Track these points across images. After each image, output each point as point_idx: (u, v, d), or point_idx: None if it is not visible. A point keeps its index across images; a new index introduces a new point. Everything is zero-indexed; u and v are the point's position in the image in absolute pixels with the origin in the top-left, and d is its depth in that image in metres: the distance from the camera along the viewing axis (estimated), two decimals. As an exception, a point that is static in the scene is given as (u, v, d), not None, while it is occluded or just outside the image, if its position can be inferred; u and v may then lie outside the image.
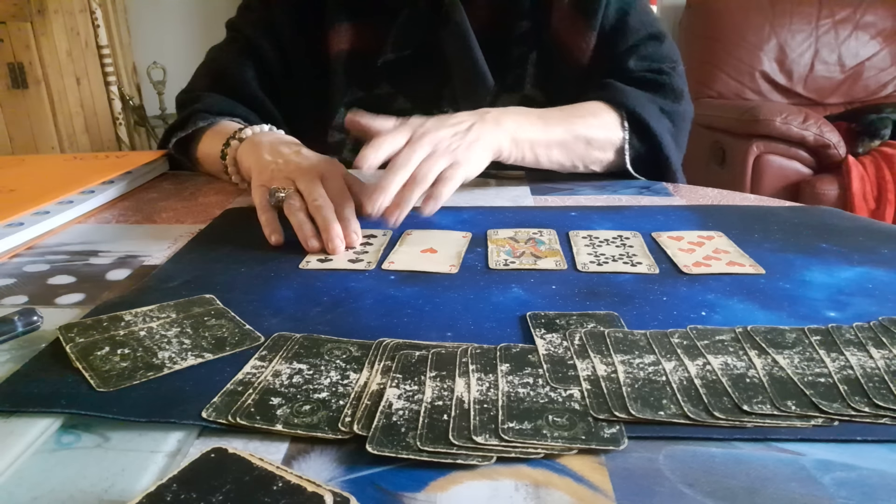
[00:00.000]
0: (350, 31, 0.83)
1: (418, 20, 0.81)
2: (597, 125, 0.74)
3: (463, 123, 0.64)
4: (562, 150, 0.72)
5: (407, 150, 0.58)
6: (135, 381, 0.35)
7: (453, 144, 0.61)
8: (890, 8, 2.68)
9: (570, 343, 0.39)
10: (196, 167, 0.84)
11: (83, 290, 0.49)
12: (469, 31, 0.79)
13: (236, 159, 0.71)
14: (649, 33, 0.81)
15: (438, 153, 0.59)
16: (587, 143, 0.73)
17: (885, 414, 0.32)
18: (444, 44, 0.81)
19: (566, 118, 0.73)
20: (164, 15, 2.99)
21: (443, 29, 0.80)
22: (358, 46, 0.83)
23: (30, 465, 0.30)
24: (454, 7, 0.79)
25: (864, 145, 2.24)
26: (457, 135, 0.62)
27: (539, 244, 0.55)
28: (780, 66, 2.68)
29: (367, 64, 0.83)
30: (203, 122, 0.79)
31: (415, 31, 0.82)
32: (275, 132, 0.73)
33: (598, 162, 0.76)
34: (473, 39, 0.79)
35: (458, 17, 0.79)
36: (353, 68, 0.84)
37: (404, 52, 0.82)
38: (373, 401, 0.33)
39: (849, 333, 0.39)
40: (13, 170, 0.81)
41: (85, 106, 2.64)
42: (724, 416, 0.32)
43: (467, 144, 0.62)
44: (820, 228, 0.59)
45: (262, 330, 0.41)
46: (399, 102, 0.85)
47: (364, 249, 0.55)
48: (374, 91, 0.85)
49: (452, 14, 0.79)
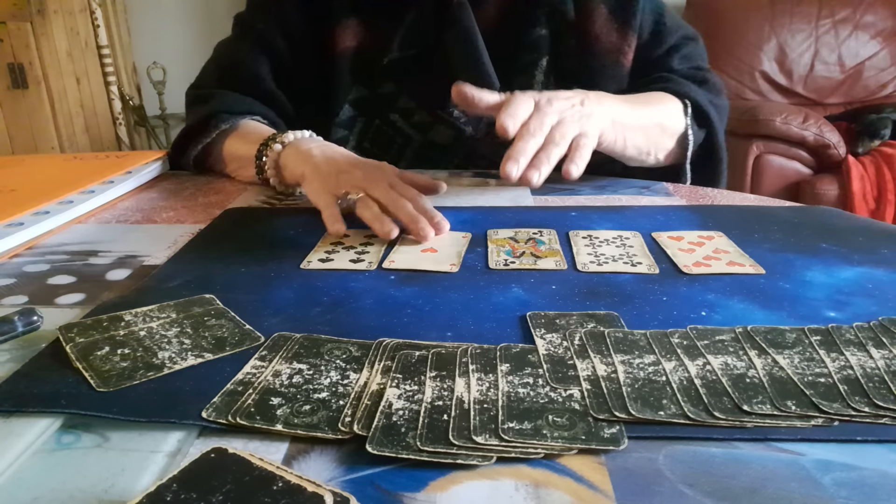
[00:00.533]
0: (357, 29, 0.83)
1: (426, 20, 0.81)
2: (667, 112, 0.76)
3: (575, 97, 0.64)
4: (644, 134, 0.73)
5: (537, 116, 0.59)
6: (135, 381, 0.35)
7: (575, 115, 0.62)
8: (890, 8, 2.68)
9: (570, 343, 0.39)
10: (213, 168, 0.83)
11: (83, 290, 0.49)
12: (476, 34, 0.79)
13: (279, 163, 0.70)
14: (685, 34, 0.85)
15: (566, 121, 0.61)
16: (662, 130, 0.75)
17: (885, 414, 0.32)
18: (451, 45, 0.81)
19: (645, 103, 0.74)
20: (164, 15, 2.99)
21: (449, 30, 0.80)
22: (364, 44, 0.83)
23: (30, 465, 0.30)
24: (462, 8, 0.79)
25: (864, 145, 2.25)
26: (574, 107, 0.63)
27: (539, 244, 0.55)
28: (780, 66, 2.68)
29: (372, 62, 0.83)
30: (225, 124, 0.78)
31: (422, 32, 0.81)
32: (316, 139, 0.73)
33: (665, 150, 0.77)
34: (480, 42, 0.79)
35: (465, 19, 0.79)
36: (359, 66, 0.84)
37: (410, 52, 0.82)
38: (373, 401, 0.33)
39: (849, 333, 0.39)
40: (13, 170, 0.81)
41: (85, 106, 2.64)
42: (724, 416, 0.32)
43: (587, 116, 0.63)
44: (820, 228, 0.59)
45: (262, 330, 0.41)
46: (403, 102, 0.85)
47: (365, 249, 0.55)
48: (378, 90, 0.85)
49: (460, 16, 0.79)
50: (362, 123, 0.86)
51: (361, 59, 0.83)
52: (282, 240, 0.59)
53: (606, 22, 0.81)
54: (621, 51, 0.81)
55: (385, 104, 0.85)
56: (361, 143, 0.87)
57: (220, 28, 0.89)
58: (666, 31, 0.83)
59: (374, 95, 0.85)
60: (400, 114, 0.86)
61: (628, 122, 0.70)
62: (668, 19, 0.83)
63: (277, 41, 0.84)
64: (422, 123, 0.86)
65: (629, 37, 0.81)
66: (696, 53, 0.85)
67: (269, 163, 0.71)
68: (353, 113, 0.85)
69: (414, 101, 0.85)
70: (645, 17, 0.82)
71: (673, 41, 0.83)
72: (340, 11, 0.83)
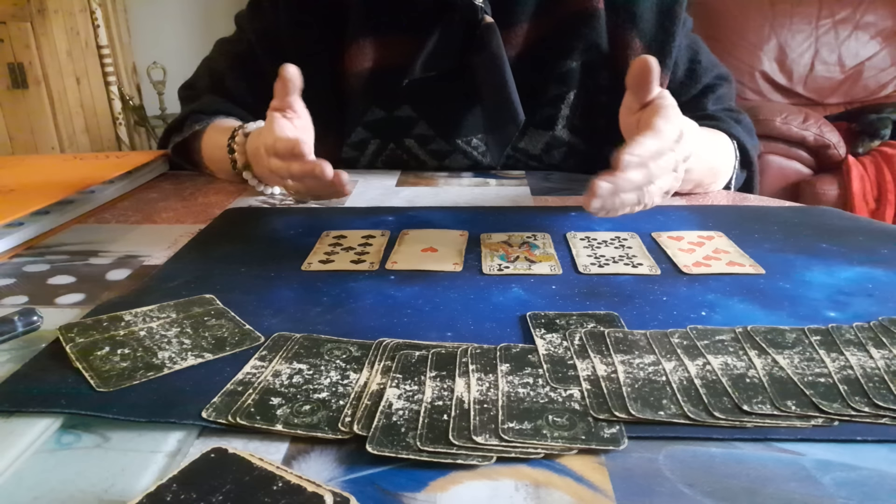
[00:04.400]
0: (374, 48, 0.79)
1: (452, 41, 0.75)
2: (721, 155, 0.73)
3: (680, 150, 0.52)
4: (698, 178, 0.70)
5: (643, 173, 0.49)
6: (135, 381, 0.35)
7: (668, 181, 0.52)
8: (890, 8, 2.68)
9: (570, 343, 0.39)
10: (199, 168, 0.84)
11: (83, 290, 0.49)
12: (504, 61, 0.73)
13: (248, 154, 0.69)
14: (719, 73, 0.82)
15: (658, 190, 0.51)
16: (714, 174, 0.73)
17: (885, 414, 0.32)
18: (477, 71, 0.75)
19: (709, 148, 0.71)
20: (164, 15, 2.99)
21: (476, 55, 0.74)
22: (381, 64, 0.79)
23: (30, 465, 0.30)
24: (490, 31, 0.73)
25: (864, 145, 2.25)
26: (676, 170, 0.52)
27: (533, 248, 0.55)
28: (780, 66, 2.68)
29: (389, 83, 0.78)
30: (198, 124, 0.78)
31: (447, 53, 0.75)
32: None
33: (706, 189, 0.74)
34: (508, 70, 0.73)
35: (493, 43, 0.73)
36: (375, 87, 0.80)
37: (432, 73, 0.76)
38: (373, 401, 0.33)
39: (849, 333, 0.39)
40: (13, 170, 0.81)
41: (85, 106, 2.64)
42: (724, 416, 0.32)
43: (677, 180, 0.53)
44: (820, 228, 0.59)
45: (262, 330, 0.41)
46: (420, 128, 0.81)
47: (365, 250, 0.55)
48: (394, 112, 0.81)
49: (488, 39, 0.73)
50: (376, 146, 0.83)
51: (378, 80, 0.79)
52: (282, 240, 0.59)
53: None
54: None
55: (401, 128, 0.81)
56: (373, 165, 0.85)
57: (220, 28, 0.90)
58: (701, 70, 0.79)
59: (390, 118, 0.81)
60: (416, 140, 0.82)
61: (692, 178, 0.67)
62: (703, 57, 0.80)
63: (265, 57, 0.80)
64: (438, 151, 0.83)
65: (663, 75, 0.76)
66: (729, 95, 0.82)
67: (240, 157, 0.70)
68: (366, 135, 0.82)
69: (432, 128, 0.81)
70: (681, 55, 0.78)
71: (707, 81, 0.80)
72: (356, 30, 0.78)
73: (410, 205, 0.69)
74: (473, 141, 0.82)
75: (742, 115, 0.81)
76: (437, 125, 0.81)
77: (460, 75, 0.76)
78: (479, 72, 0.75)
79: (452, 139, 0.81)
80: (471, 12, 0.74)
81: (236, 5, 0.90)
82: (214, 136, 0.78)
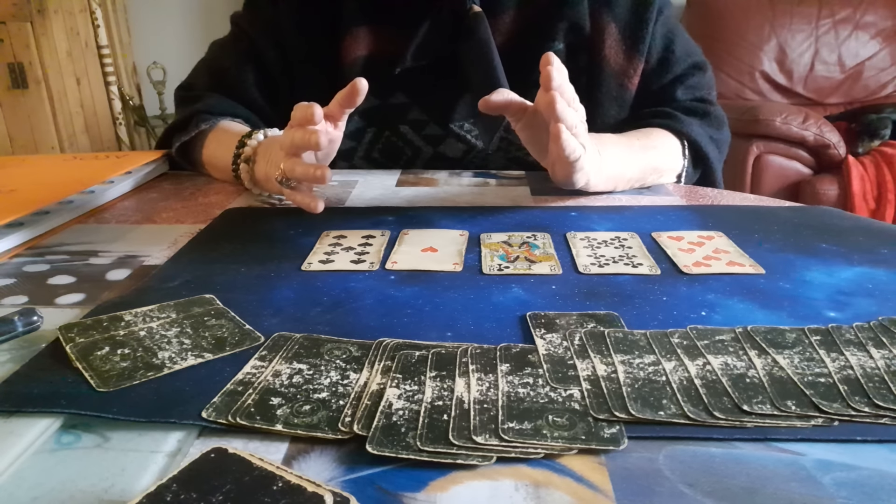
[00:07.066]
0: (368, 36, 0.81)
1: (441, 30, 0.78)
2: (665, 154, 0.76)
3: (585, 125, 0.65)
4: (640, 177, 0.74)
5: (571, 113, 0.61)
6: (135, 381, 0.35)
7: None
8: (890, 8, 2.68)
9: (570, 343, 0.39)
10: (198, 168, 0.84)
11: (83, 290, 0.49)
12: (492, 47, 0.77)
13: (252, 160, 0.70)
14: (694, 62, 0.83)
15: None
16: (658, 173, 0.76)
17: (885, 414, 0.32)
18: (465, 57, 0.78)
19: (644, 148, 0.75)
20: (164, 15, 2.99)
21: (465, 42, 0.77)
22: (375, 52, 0.81)
23: (30, 465, 0.30)
24: (478, 19, 0.76)
25: (864, 145, 2.24)
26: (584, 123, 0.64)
27: (533, 248, 0.55)
28: (780, 66, 2.68)
29: (383, 71, 0.80)
30: (205, 123, 0.78)
31: (436, 42, 0.79)
32: None
33: (656, 183, 0.78)
34: (496, 55, 0.77)
35: (481, 30, 0.76)
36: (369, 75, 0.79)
37: (423, 62, 0.79)
38: (373, 401, 0.33)
39: (849, 333, 0.39)
40: (13, 170, 0.81)
41: (85, 106, 2.64)
42: (724, 416, 0.32)
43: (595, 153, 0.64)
44: (820, 228, 0.59)
45: (262, 330, 0.41)
46: (414, 114, 0.83)
47: (364, 250, 0.55)
48: (388, 100, 0.82)
49: (476, 26, 0.76)
50: (372, 134, 0.84)
51: (371, 68, 0.81)
52: (282, 240, 0.59)
53: (616, 42, 0.80)
54: (627, 74, 0.80)
55: (395, 115, 0.83)
56: (370, 154, 0.86)
57: (221, 28, 0.89)
58: (674, 60, 0.81)
59: (384, 105, 0.82)
60: (410, 125, 0.84)
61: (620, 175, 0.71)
62: (677, 46, 0.82)
63: (268, 50, 0.82)
64: (433, 136, 0.84)
65: (636, 61, 0.80)
66: (703, 83, 0.84)
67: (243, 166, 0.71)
68: (362, 123, 0.84)
69: (426, 113, 0.83)
70: (655, 43, 0.80)
71: (680, 70, 0.82)
72: (350, 19, 0.80)
73: (410, 205, 0.69)
74: (466, 125, 0.83)
75: (711, 107, 0.84)
76: (431, 110, 0.83)
77: (451, 63, 0.79)
78: (468, 59, 0.78)
79: (446, 123, 0.83)
80: (459, 2, 0.77)
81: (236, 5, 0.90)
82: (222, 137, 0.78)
